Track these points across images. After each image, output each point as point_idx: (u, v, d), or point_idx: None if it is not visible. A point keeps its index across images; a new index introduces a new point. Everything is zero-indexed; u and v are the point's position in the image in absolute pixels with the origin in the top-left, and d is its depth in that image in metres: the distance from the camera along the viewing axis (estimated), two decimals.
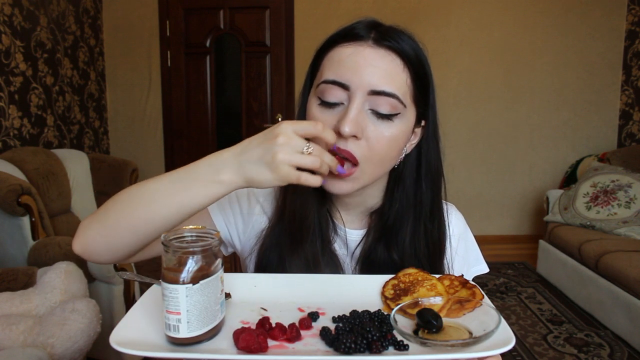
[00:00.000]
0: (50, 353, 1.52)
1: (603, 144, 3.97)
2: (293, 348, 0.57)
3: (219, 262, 0.58)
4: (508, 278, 3.33)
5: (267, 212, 0.85)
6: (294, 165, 0.61)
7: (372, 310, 0.64)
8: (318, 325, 0.62)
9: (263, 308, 0.67)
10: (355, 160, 0.71)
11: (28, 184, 2.17)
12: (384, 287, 0.71)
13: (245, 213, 0.85)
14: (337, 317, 0.63)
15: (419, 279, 0.70)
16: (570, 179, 3.58)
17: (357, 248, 0.83)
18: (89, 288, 1.92)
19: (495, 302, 2.94)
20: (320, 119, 0.72)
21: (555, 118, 3.99)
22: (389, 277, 0.73)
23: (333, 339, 0.57)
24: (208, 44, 3.92)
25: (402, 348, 0.56)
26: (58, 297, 1.73)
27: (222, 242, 0.86)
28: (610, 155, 3.40)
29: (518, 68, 3.94)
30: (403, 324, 0.59)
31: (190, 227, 0.60)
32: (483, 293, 0.67)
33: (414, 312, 0.60)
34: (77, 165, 2.90)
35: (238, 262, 1.01)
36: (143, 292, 0.71)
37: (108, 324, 1.97)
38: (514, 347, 2.19)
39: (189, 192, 0.64)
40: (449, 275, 0.72)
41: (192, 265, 0.55)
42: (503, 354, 0.55)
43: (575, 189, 3.22)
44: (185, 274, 0.55)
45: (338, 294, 0.71)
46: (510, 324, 2.62)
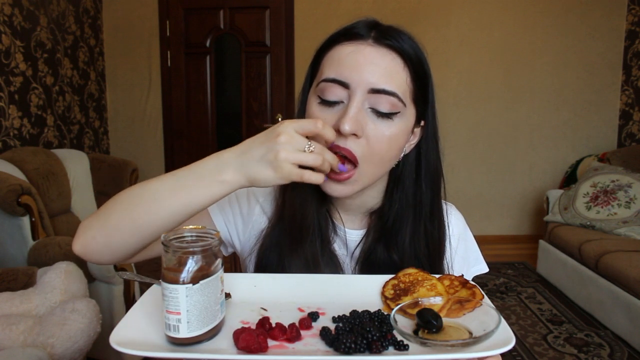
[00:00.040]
0: (50, 353, 1.52)
1: (603, 144, 3.97)
2: (293, 348, 0.57)
3: (219, 262, 0.58)
4: (508, 278, 3.33)
5: (266, 212, 0.85)
6: (296, 164, 0.62)
7: (372, 310, 0.64)
8: (318, 325, 0.62)
9: (263, 308, 0.67)
10: (355, 159, 0.71)
11: (28, 184, 2.17)
12: (384, 287, 0.71)
13: (245, 213, 0.85)
14: (337, 317, 0.63)
15: (419, 279, 0.70)
16: (570, 179, 3.58)
17: (356, 248, 0.83)
18: (89, 288, 1.92)
19: (495, 302, 2.94)
20: (320, 118, 0.72)
21: (555, 118, 3.99)
22: (389, 277, 0.73)
23: (333, 339, 0.57)
24: (208, 44, 3.92)
25: (402, 348, 0.56)
26: (58, 297, 1.73)
27: (222, 242, 0.86)
28: (610, 155, 3.40)
29: (518, 68, 3.94)
30: (403, 324, 0.59)
31: (190, 227, 0.60)
32: (483, 293, 0.67)
33: (414, 312, 0.60)
34: (77, 165, 2.90)
35: (238, 262, 1.01)
36: (143, 292, 0.71)
37: (108, 324, 1.97)
38: (514, 347, 2.19)
39: (192, 191, 0.65)
40: (449, 275, 0.72)
41: (192, 265, 0.55)
42: (503, 354, 0.55)
43: (575, 189, 3.22)
44: (185, 274, 0.55)
45: (338, 294, 0.70)
46: (510, 324, 2.62)
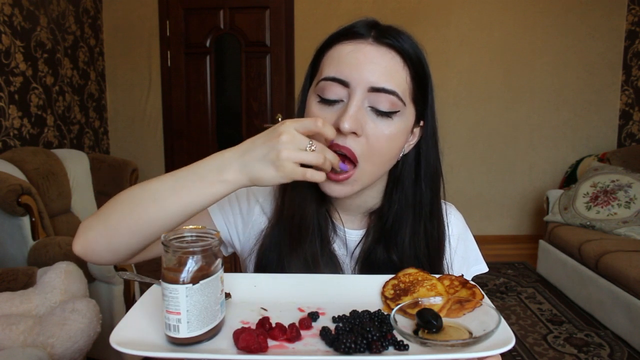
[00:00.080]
0: (50, 353, 1.52)
1: (603, 144, 3.97)
2: (293, 348, 0.57)
3: (219, 262, 0.58)
4: (508, 278, 3.33)
5: (266, 212, 0.85)
6: (298, 162, 0.62)
7: (372, 310, 0.64)
8: (318, 325, 0.62)
9: (263, 308, 0.67)
10: (355, 158, 0.71)
11: (28, 184, 2.17)
12: (384, 287, 0.71)
13: (245, 213, 0.85)
14: (337, 317, 0.63)
15: (419, 279, 0.70)
16: (570, 179, 3.58)
17: (356, 248, 0.83)
18: (89, 288, 1.92)
19: (495, 302, 2.94)
20: (320, 117, 0.72)
21: (555, 118, 3.99)
22: (389, 277, 0.73)
23: (333, 339, 0.57)
24: (208, 44, 3.92)
25: (402, 348, 0.56)
26: (58, 297, 1.73)
27: (222, 242, 0.86)
28: (610, 155, 3.40)
29: (518, 68, 3.93)
30: (403, 324, 0.59)
31: (190, 227, 0.60)
32: (483, 293, 0.67)
33: (414, 312, 0.60)
34: (77, 165, 2.90)
35: (238, 262, 1.01)
36: (143, 292, 0.71)
37: (108, 324, 1.97)
38: (514, 347, 2.19)
39: (192, 191, 0.65)
40: (449, 275, 0.72)
41: (192, 265, 0.55)
42: (503, 354, 0.55)
43: (575, 189, 3.22)
44: (185, 274, 0.55)
45: (338, 294, 0.70)
46: (510, 324, 2.62)
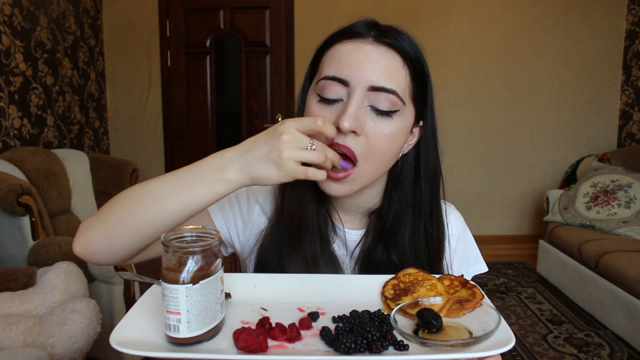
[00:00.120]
0: (50, 353, 1.52)
1: (603, 144, 3.97)
2: (293, 348, 0.57)
3: (219, 262, 0.58)
4: (508, 278, 3.33)
5: (266, 212, 0.85)
6: (300, 161, 0.63)
7: (372, 310, 0.64)
8: (318, 325, 0.62)
9: (263, 308, 0.67)
10: (354, 156, 0.71)
11: (28, 184, 2.17)
12: (384, 287, 0.71)
13: (245, 213, 0.85)
14: (337, 317, 0.63)
15: (419, 279, 0.70)
16: (570, 179, 3.58)
17: (356, 248, 0.83)
18: (89, 288, 1.92)
19: (495, 302, 2.94)
20: (320, 116, 0.72)
21: (555, 118, 3.99)
22: (389, 277, 0.73)
23: (333, 339, 0.57)
24: (208, 44, 3.92)
25: (402, 348, 0.56)
26: (58, 297, 1.73)
27: (222, 242, 0.86)
28: (610, 155, 3.40)
29: (518, 68, 3.94)
30: (403, 324, 0.59)
31: (190, 227, 0.60)
32: (483, 293, 0.67)
33: (414, 312, 0.60)
34: (77, 165, 2.90)
35: (238, 262, 1.01)
36: (143, 292, 0.71)
37: (108, 324, 1.97)
38: (514, 347, 2.19)
39: (193, 191, 0.65)
40: (449, 275, 0.72)
41: (192, 265, 0.55)
42: (503, 354, 0.55)
43: (575, 189, 3.22)
44: (185, 274, 0.55)
45: (338, 294, 0.70)
46: (510, 324, 2.62)
